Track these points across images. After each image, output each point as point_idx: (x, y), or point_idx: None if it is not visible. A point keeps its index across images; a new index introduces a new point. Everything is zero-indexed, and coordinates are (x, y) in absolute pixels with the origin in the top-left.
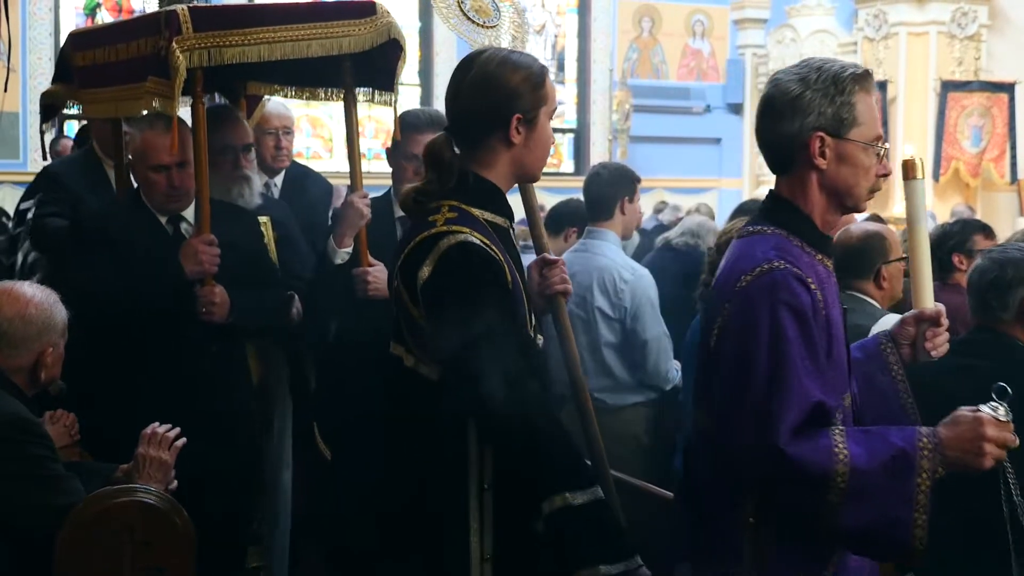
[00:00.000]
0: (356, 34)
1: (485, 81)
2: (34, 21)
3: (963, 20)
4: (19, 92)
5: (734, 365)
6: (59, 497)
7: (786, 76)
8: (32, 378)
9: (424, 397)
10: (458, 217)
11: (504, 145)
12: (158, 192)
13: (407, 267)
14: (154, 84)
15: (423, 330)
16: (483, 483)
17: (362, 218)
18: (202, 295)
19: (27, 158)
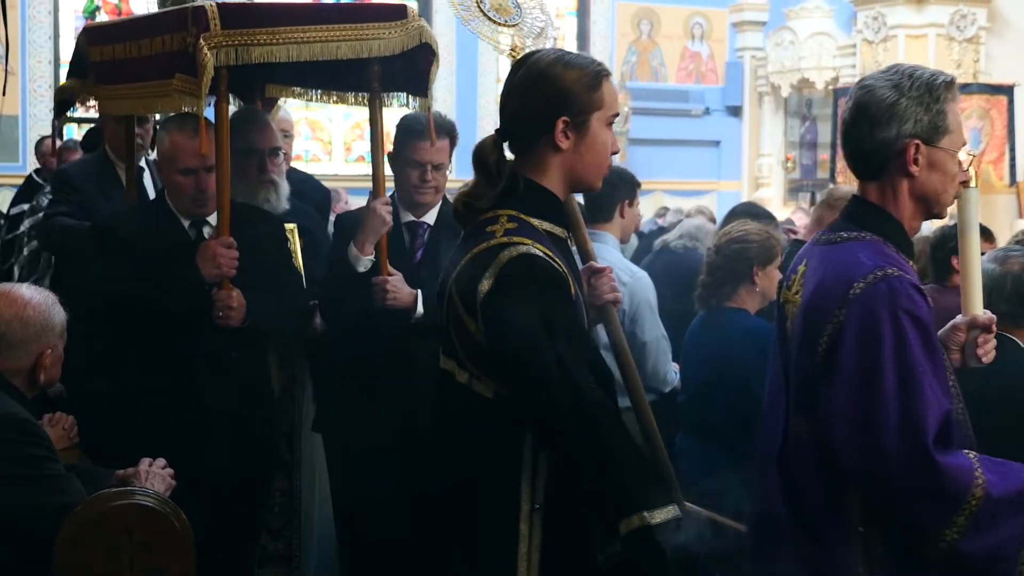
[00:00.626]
0: (387, 37)
1: (534, 81)
2: (33, 24)
3: (962, 22)
4: (18, 95)
5: (857, 374)
6: (59, 497)
7: (878, 82)
8: (31, 380)
9: (477, 414)
10: (518, 228)
11: (552, 150)
12: (185, 195)
13: (464, 279)
14: (181, 82)
15: (480, 345)
16: (534, 503)
17: (384, 225)
18: (218, 298)
19: (26, 161)
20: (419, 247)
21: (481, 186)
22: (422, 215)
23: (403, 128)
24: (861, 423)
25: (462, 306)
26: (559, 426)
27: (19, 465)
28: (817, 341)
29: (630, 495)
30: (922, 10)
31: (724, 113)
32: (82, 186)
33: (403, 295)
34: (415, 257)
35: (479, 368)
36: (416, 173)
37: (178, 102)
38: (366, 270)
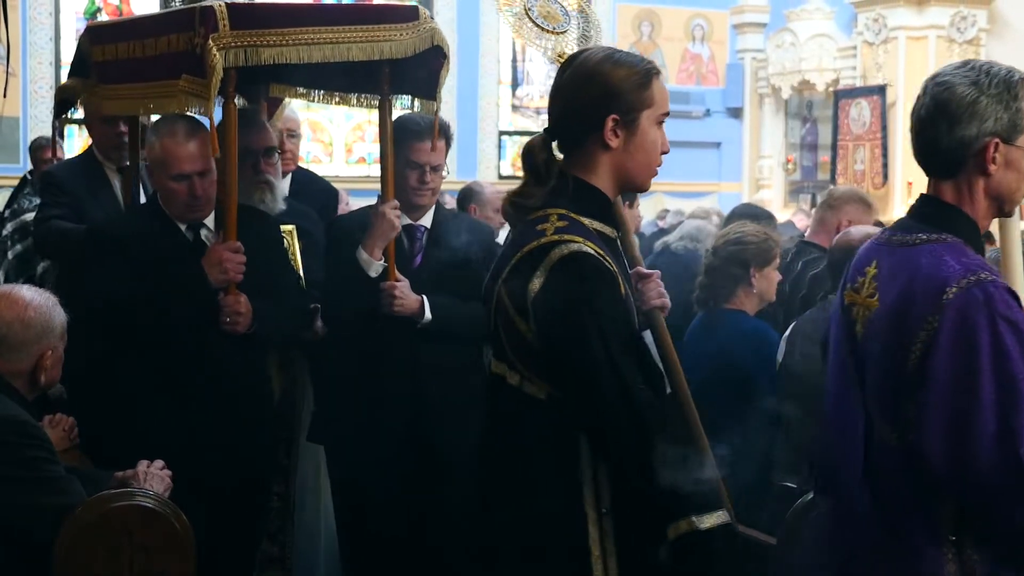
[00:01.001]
0: (398, 39)
1: (582, 78)
2: (34, 26)
3: (962, 24)
4: (19, 97)
5: (953, 381)
6: (59, 498)
7: (956, 79)
8: (32, 381)
9: (531, 417)
10: (568, 226)
11: (601, 148)
12: (179, 201)
13: (514, 279)
14: (188, 83)
15: (531, 345)
16: (601, 507)
17: (393, 229)
18: (226, 304)
19: (27, 162)
20: (418, 251)
21: (530, 185)
22: (418, 218)
23: (400, 129)
24: (956, 431)
25: (512, 306)
26: (608, 427)
27: (19, 467)
28: (909, 348)
29: (678, 499)
30: (922, 12)
31: (725, 115)
32: (71, 187)
33: (410, 301)
34: (414, 261)
35: (530, 369)
36: (415, 175)
37: (185, 103)
38: (378, 275)
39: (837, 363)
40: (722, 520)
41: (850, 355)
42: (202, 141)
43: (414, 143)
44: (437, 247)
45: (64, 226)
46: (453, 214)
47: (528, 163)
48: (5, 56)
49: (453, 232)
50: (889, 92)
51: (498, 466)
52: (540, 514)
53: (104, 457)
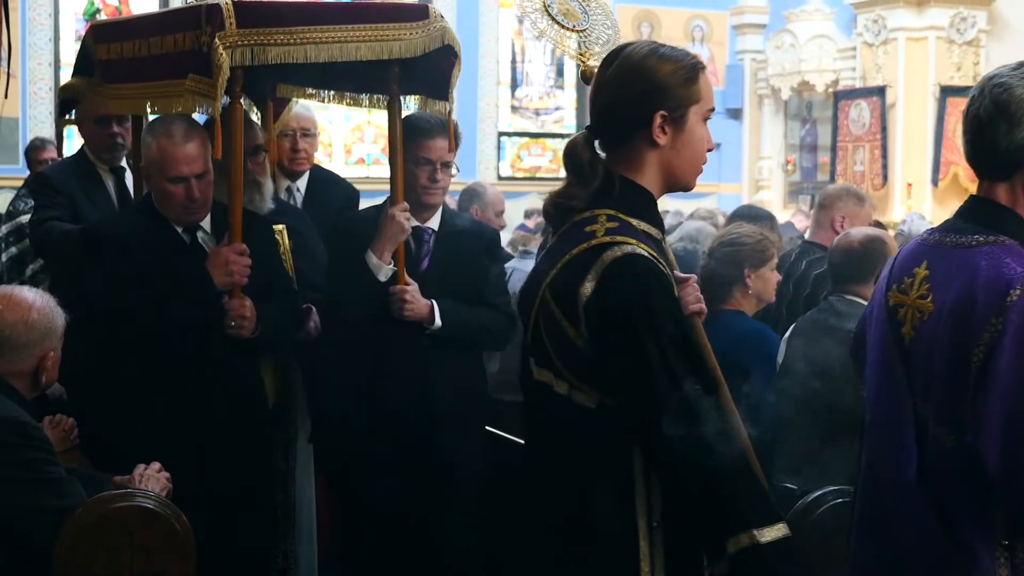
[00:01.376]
0: (408, 38)
1: (628, 74)
2: (33, 27)
3: (962, 25)
4: (18, 98)
5: (1016, 384)
6: (59, 500)
7: (1014, 80)
8: (32, 382)
9: (581, 427)
10: (619, 227)
11: (649, 146)
12: (175, 204)
13: (562, 283)
14: (195, 82)
15: (581, 352)
16: (651, 520)
17: (403, 232)
18: (231, 308)
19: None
20: (425, 254)
21: (574, 186)
22: (426, 220)
23: (409, 127)
24: (1015, 433)
25: (560, 311)
26: (666, 437)
27: (20, 468)
28: (971, 350)
29: (739, 511)
30: (922, 13)
31: (724, 115)
32: (65, 188)
33: (420, 306)
34: (422, 264)
35: (579, 377)
36: (425, 172)
37: (191, 103)
38: (387, 279)
39: (882, 365)
40: (783, 533)
41: (898, 357)
42: (200, 142)
43: (424, 140)
44: (445, 250)
45: (65, 227)
46: (459, 216)
47: (572, 162)
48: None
49: (460, 235)
50: (889, 93)
51: (546, 477)
52: (590, 526)
53: (104, 460)
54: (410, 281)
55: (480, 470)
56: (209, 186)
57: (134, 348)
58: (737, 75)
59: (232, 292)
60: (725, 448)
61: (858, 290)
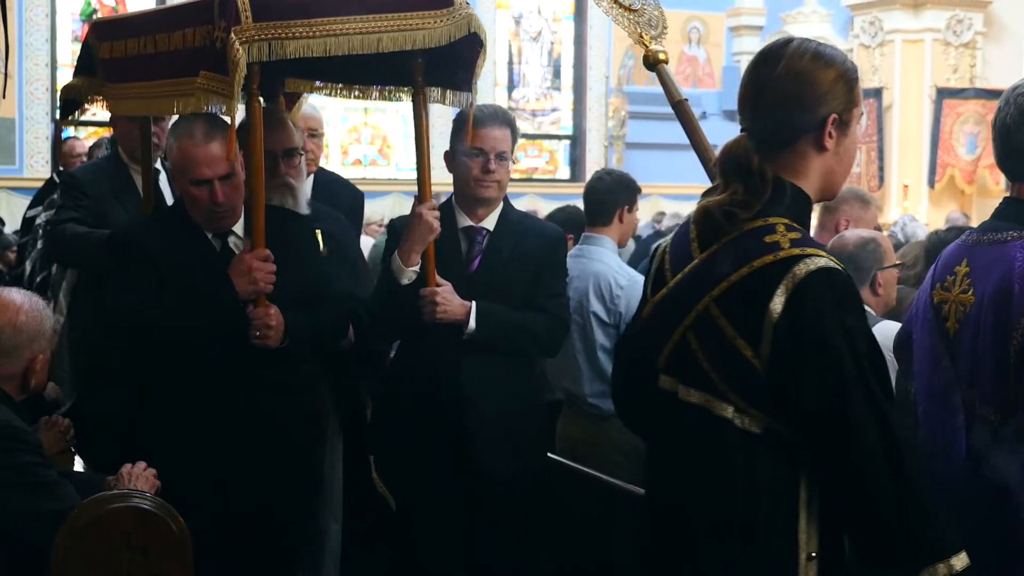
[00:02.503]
0: (432, 27)
1: (798, 77)
2: (31, 27)
3: (958, 27)
4: (15, 98)
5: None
6: (53, 503)
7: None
8: (21, 385)
9: (743, 453)
10: (801, 238)
11: (815, 150)
12: (200, 208)
13: (739, 298)
14: (207, 80)
15: (755, 373)
16: (810, 550)
17: (431, 232)
18: (255, 317)
19: (23, 164)
20: (476, 255)
21: (743, 193)
22: (481, 219)
23: (459, 121)
24: None
25: (734, 329)
26: (863, 464)
27: (13, 472)
28: (1010, 334)
29: (933, 540)
30: (919, 15)
31: (721, 117)
32: (93, 191)
33: (454, 307)
34: (471, 266)
35: (748, 400)
36: (477, 163)
37: (204, 102)
38: (410, 282)
39: (930, 360)
40: (966, 563)
41: (944, 350)
42: (223, 142)
43: (478, 128)
44: (498, 252)
45: (79, 230)
46: (524, 215)
47: (737, 168)
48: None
49: (521, 235)
50: (885, 95)
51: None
52: (752, 557)
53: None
54: (441, 281)
55: (524, 487)
56: (236, 190)
57: (158, 360)
58: (734, 77)
59: (256, 300)
60: (917, 475)
61: None
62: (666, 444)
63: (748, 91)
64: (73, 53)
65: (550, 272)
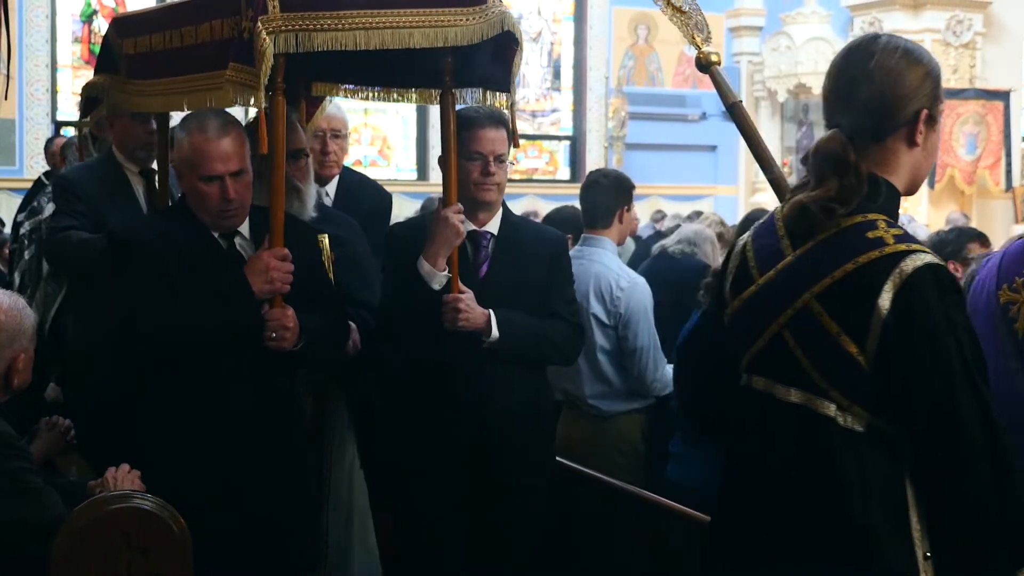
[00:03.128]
0: (465, 24)
1: (891, 74)
2: (31, 28)
3: (958, 28)
4: (15, 99)
5: None
6: (41, 511)
7: None
8: (4, 385)
9: (849, 452)
10: (904, 234)
11: (906, 146)
12: (210, 205)
13: (844, 295)
14: (236, 72)
15: (859, 369)
16: (925, 550)
17: (458, 236)
18: (272, 318)
19: (23, 164)
20: (483, 260)
21: (839, 189)
22: (484, 223)
23: (461, 120)
24: None
25: (839, 326)
26: (967, 459)
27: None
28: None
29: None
30: (918, 16)
31: (721, 118)
32: (86, 193)
33: (476, 315)
34: (479, 272)
35: (851, 397)
36: (477, 166)
37: (232, 96)
38: (441, 287)
39: (997, 362)
40: None
41: (1013, 350)
42: (236, 138)
43: (475, 130)
44: (506, 256)
45: (83, 236)
46: (522, 219)
47: (836, 164)
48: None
49: (524, 240)
50: None
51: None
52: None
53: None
54: (464, 289)
55: (541, 495)
56: (247, 187)
57: (163, 364)
58: (733, 77)
59: (273, 301)
60: (1019, 470)
61: None
62: (756, 447)
63: (838, 87)
64: (73, 54)
65: (560, 277)
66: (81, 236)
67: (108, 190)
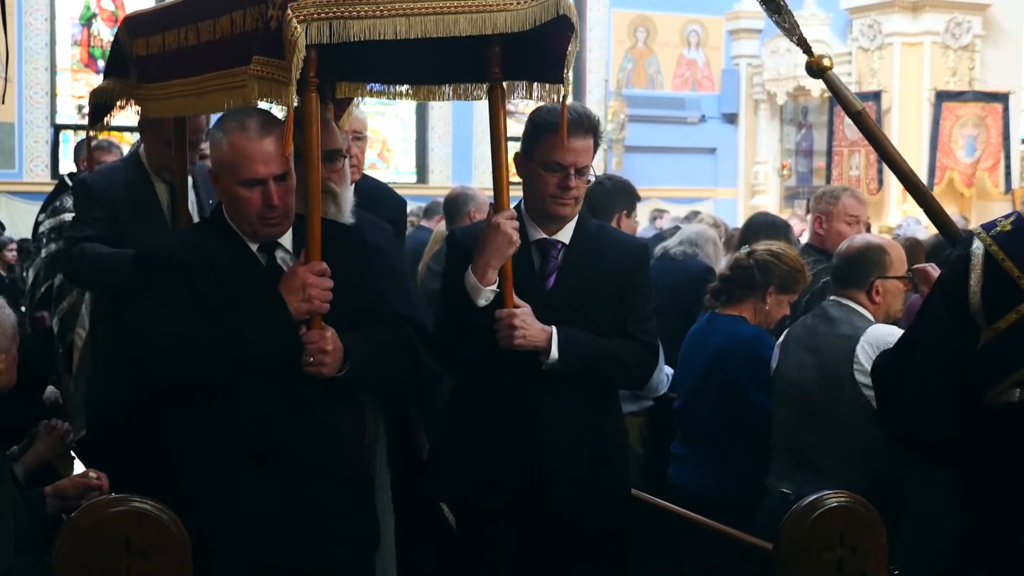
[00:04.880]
0: (515, 8)
1: None
2: (30, 32)
3: (957, 30)
4: (15, 102)
5: None
6: None
7: None
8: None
9: None
10: None
11: None
12: (250, 213)
13: None
14: (262, 66)
15: None
16: None
17: (511, 245)
18: (309, 340)
19: (23, 168)
20: (551, 271)
21: None
22: (556, 231)
23: (537, 123)
24: None
25: None
26: None
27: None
28: None
29: None
30: (918, 18)
31: (720, 120)
32: (106, 198)
33: (534, 332)
34: (547, 283)
35: None
36: (555, 179)
37: (259, 93)
38: (487, 303)
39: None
40: None
41: None
42: (279, 138)
43: (558, 138)
44: (576, 268)
45: (100, 251)
46: (601, 226)
47: None
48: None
49: (601, 248)
50: (884, 98)
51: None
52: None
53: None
54: (520, 303)
55: (611, 536)
56: (290, 193)
57: (195, 392)
58: (733, 80)
59: (311, 322)
60: None
61: (851, 294)
62: None
63: None
64: (72, 57)
65: (636, 292)
66: (98, 251)
67: (132, 197)
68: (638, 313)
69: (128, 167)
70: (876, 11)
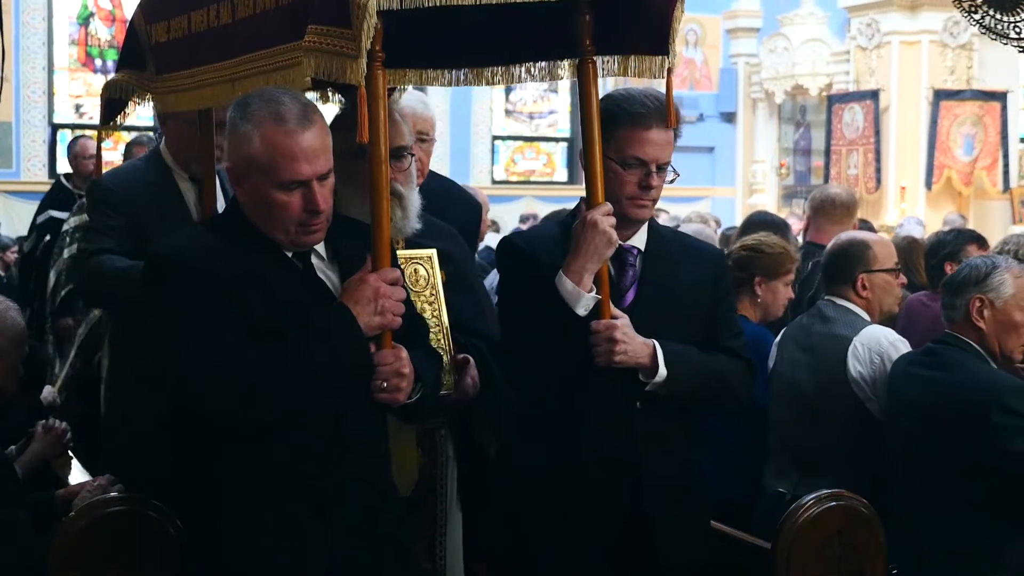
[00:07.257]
0: None
1: None
2: (27, 31)
3: (955, 29)
4: (12, 102)
5: None
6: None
7: None
8: None
9: None
10: None
11: None
12: (288, 219)
13: None
14: (319, 37)
15: None
16: None
17: (610, 245)
18: (383, 362)
19: (20, 167)
20: (631, 281)
21: None
22: (628, 236)
23: (615, 111)
24: None
25: None
26: None
27: None
28: None
29: None
30: (915, 17)
31: (718, 119)
32: (124, 201)
33: (636, 347)
34: (626, 297)
35: None
36: (634, 176)
37: (312, 69)
38: (587, 312)
39: None
40: None
41: None
42: (322, 128)
43: (635, 130)
44: (657, 277)
45: (119, 264)
46: (672, 231)
47: None
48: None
49: (678, 256)
50: (882, 97)
51: None
52: None
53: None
54: (619, 314)
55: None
56: (331, 192)
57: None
58: (731, 79)
59: (381, 339)
60: None
61: (841, 292)
62: None
63: None
64: (70, 56)
65: (724, 304)
66: (117, 264)
67: (154, 198)
68: (733, 327)
69: (149, 165)
70: (874, 10)
